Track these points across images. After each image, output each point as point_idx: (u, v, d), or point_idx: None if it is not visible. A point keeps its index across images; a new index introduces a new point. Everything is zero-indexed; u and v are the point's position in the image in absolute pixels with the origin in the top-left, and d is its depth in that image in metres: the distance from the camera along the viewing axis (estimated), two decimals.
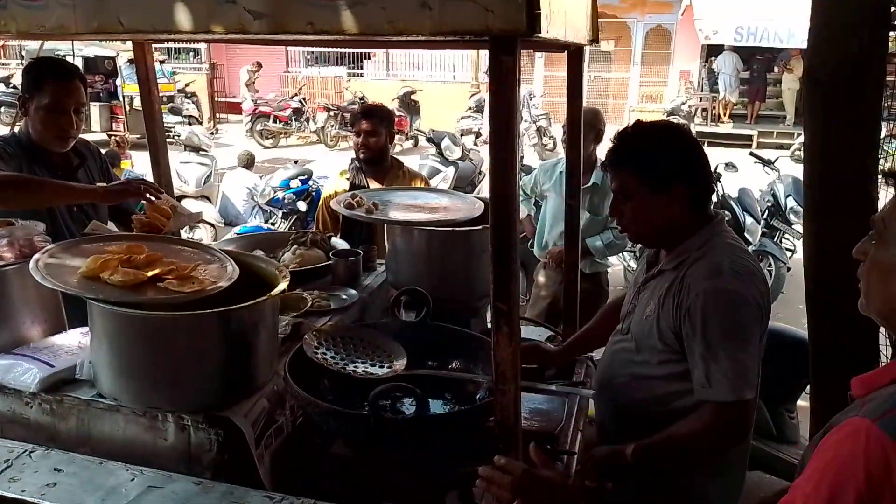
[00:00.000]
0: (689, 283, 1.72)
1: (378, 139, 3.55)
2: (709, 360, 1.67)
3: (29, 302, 2.03)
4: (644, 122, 1.90)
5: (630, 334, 1.92)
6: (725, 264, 1.71)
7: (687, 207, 1.78)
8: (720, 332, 1.66)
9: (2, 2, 1.51)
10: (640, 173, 1.77)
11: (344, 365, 1.83)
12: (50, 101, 2.45)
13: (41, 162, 2.53)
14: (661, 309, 1.79)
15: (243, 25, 1.36)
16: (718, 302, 1.67)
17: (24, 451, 1.76)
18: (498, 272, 1.40)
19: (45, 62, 2.62)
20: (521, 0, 1.22)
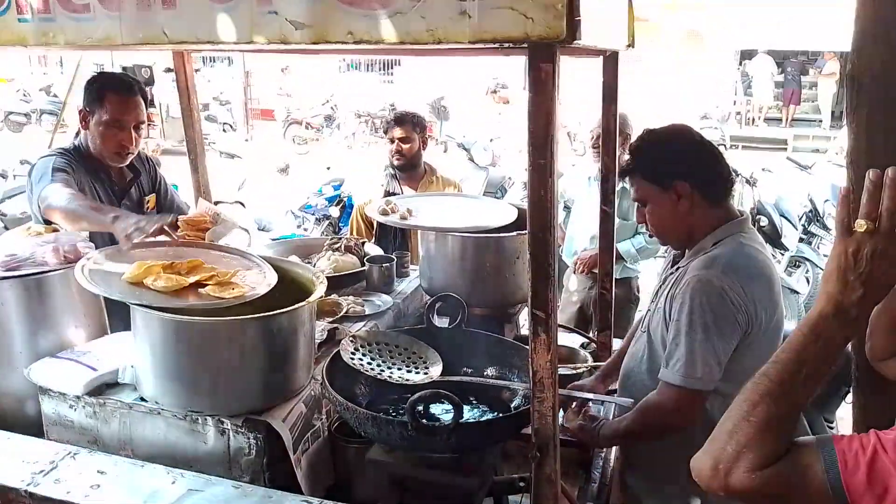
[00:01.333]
0: (685, 273, 1.78)
1: (411, 146, 3.57)
2: (673, 342, 1.73)
3: (73, 306, 2.08)
4: (649, 130, 1.95)
5: (647, 330, 1.95)
6: (721, 258, 1.75)
7: (697, 204, 1.82)
8: (689, 320, 1.71)
9: (51, 14, 1.56)
10: (646, 177, 1.85)
11: (380, 371, 1.84)
12: (110, 116, 2.45)
13: (98, 175, 2.54)
14: (666, 302, 1.83)
15: (285, 36, 1.38)
16: (697, 291, 1.71)
17: (69, 453, 1.80)
18: (536, 279, 1.40)
19: (108, 77, 2.65)
20: (560, 7, 1.22)
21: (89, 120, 2.50)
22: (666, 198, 1.82)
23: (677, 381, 1.70)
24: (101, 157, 2.54)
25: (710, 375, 1.70)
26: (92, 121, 2.49)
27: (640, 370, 1.93)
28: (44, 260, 2.03)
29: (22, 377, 1.95)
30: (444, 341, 2.01)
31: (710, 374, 1.70)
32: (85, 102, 2.52)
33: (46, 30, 1.57)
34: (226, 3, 1.40)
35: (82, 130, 2.57)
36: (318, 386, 1.90)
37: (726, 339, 1.71)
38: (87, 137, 2.54)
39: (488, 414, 1.84)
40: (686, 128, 1.93)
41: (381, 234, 3.46)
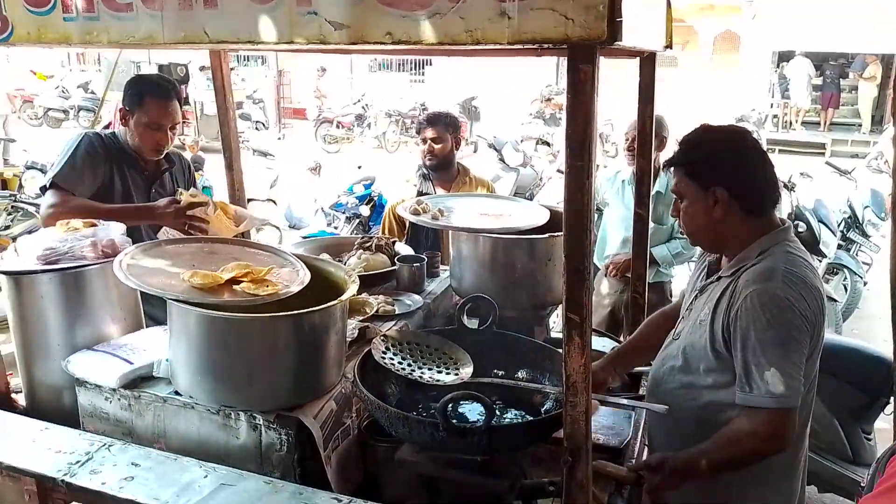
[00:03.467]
0: (741, 286, 1.70)
1: (443, 146, 3.56)
2: (751, 364, 1.64)
3: (110, 300, 2.12)
4: (708, 126, 1.90)
5: (680, 339, 1.90)
6: (779, 270, 1.69)
7: (735, 212, 1.77)
8: (765, 338, 1.63)
9: (95, 14, 1.59)
10: (688, 172, 1.80)
11: (411, 370, 1.84)
12: (149, 118, 2.63)
13: (133, 164, 2.72)
14: (714, 313, 1.77)
15: (324, 36, 1.39)
16: (766, 306, 1.64)
17: (104, 445, 1.83)
18: (571, 282, 1.38)
19: (147, 80, 2.81)
20: (602, 8, 1.21)
21: (129, 119, 2.67)
22: (703, 199, 1.78)
23: (767, 403, 1.62)
24: (137, 150, 2.71)
25: (797, 390, 1.64)
26: (131, 120, 2.66)
27: (674, 381, 1.88)
28: (82, 254, 2.06)
29: (59, 369, 2.00)
30: (475, 343, 2.01)
31: (797, 389, 1.64)
32: (125, 103, 2.68)
33: (90, 28, 1.60)
34: (266, 3, 1.41)
35: (122, 128, 2.73)
36: (349, 384, 1.91)
37: (802, 350, 1.66)
38: (125, 132, 2.71)
39: (519, 417, 1.83)
40: (743, 133, 1.86)
41: (413, 234, 3.46)
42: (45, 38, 1.68)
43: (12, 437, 1.92)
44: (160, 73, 3.06)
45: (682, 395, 1.85)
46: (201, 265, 1.86)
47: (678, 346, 1.89)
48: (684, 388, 1.85)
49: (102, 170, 2.62)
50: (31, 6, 1.65)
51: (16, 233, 5.47)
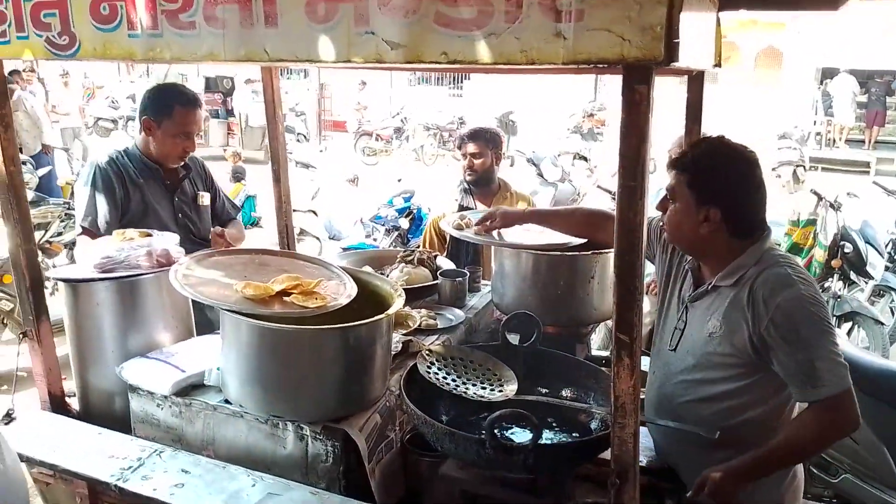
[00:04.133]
0: (764, 297, 1.73)
1: (483, 161, 3.58)
2: (809, 362, 1.68)
3: (163, 309, 2.17)
4: (723, 141, 1.90)
5: (686, 353, 1.88)
6: (791, 274, 1.75)
7: (721, 230, 1.79)
8: (812, 334, 1.70)
9: (158, 31, 1.64)
10: (689, 181, 1.81)
11: (456, 386, 1.85)
12: (178, 127, 2.67)
13: (153, 176, 2.74)
14: (728, 325, 1.78)
15: (380, 55, 1.41)
16: (801, 308, 1.71)
17: (155, 451, 1.88)
18: (621, 303, 1.38)
19: (172, 89, 2.83)
20: (659, 29, 1.21)
21: (154, 128, 2.68)
22: (695, 211, 1.80)
23: (839, 389, 1.68)
24: (162, 158, 2.74)
25: (847, 366, 1.71)
26: (158, 130, 2.68)
27: (690, 394, 1.86)
28: (137, 263, 2.13)
29: (112, 375, 2.06)
30: (519, 359, 2.01)
31: (847, 366, 1.71)
32: (150, 113, 2.69)
33: (154, 45, 1.65)
34: (325, 23, 1.44)
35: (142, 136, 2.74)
36: (393, 397, 1.92)
37: (836, 333, 1.75)
38: (146, 141, 2.72)
39: (563, 436, 1.82)
40: (752, 159, 1.86)
41: (454, 248, 3.47)
42: (110, 53, 1.74)
43: (66, 440, 1.98)
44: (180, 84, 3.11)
45: (700, 406, 1.84)
46: (253, 276, 1.90)
47: (684, 360, 1.87)
48: (702, 401, 1.84)
49: (119, 194, 2.63)
50: (97, 23, 1.71)
51: (67, 239, 5.62)
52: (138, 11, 1.63)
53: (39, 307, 2.18)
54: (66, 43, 1.75)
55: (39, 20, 1.76)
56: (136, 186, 2.67)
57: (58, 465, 1.88)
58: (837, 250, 5.20)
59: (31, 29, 1.78)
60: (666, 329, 1.99)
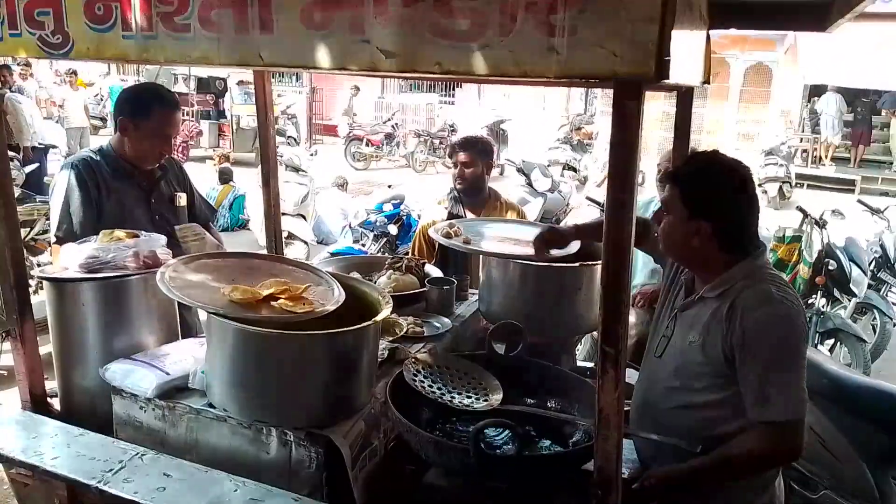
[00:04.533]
0: (741, 310, 1.75)
1: (474, 170, 3.59)
2: (764, 381, 1.70)
3: (148, 311, 2.17)
4: (714, 154, 1.93)
5: (668, 359, 1.91)
6: (774, 292, 1.76)
7: (712, 243, 1.81)
8: (776, 355, 1.71)
9: (153, 33, 1.64)
10: (682, 194, 1.83)
11: (441, 394, 1.85)
12: (157, 127, 2.59)
13: (126, 176, 2.66)
14: (707, 336, 1.80)
15: (375, 64, 1.42)
16: (772, 327, 1.72)
17: (137, 454, 1.86)
18: (608, 316, 1.39)
19: (150, 90, 2.76)
20: (651, 46, 1.22)
21: (130, 129, 2.61)
22: (686, 224, 1.82)
23: (788, 416, 1.69)
24: (138, 160, 2.66)
25: (806, 401, 1.73)
26: (136, 131, 2.60)
27: (671, 401, 1.88)
28: (124, 264, 2.12)
29: (95, 375, 2.04)
30: (505, 369, 2.01)
31: (806, 400, 1.73)
32: (128, 113, 2.62)
33: (148, 46, 1.65)
34: (321, 30, 1.44)
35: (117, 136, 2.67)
36: (378, 404, 1.92)
37: (804, 363, 1.75)
38: (122, 142, 2.65)
39: (548, 447, 1.83)
40: (745, 174, 1.88)
41: (441, 256, 3.48)
42: (104, 53, 1.73)
43: (47, 440, 1.96)
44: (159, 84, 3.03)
45: (678, 415, 1.86)
46: (241, 280, 1.90)
47: (667, 367, 1.90)
48: (683, 408, 1.86)
49: (94, 195, 2.55)
50: (91, 23, 1.71)
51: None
52: (133, 12, 1.63)
53: (24, 306, 2.16)
54: (60, 42, 1.75)
55: (33, 18, 1.75)
56: (111, 188, 2.59)
57: (37, 466, 1.86)
58: (822, 267, 5.26)
59: (25, 27, 1.77)
60: (656, 336, 2.01)
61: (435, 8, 1.35)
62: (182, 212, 2.84)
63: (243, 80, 14.95)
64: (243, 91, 15.15)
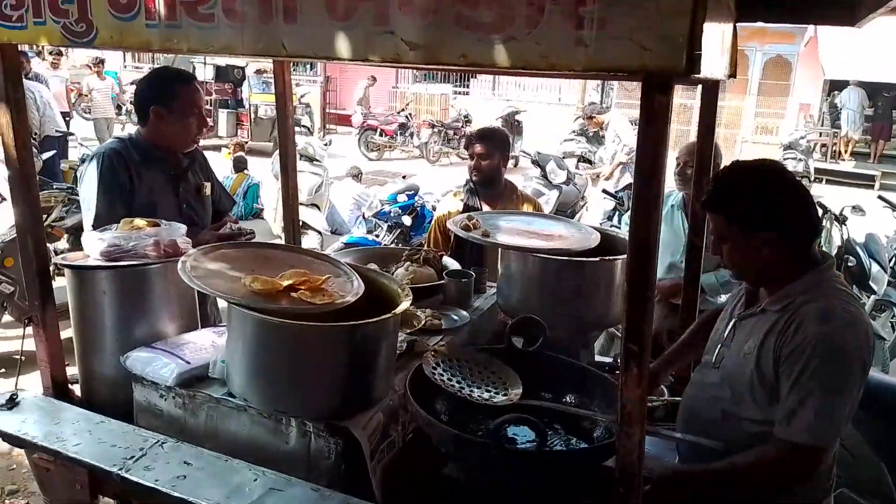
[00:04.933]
0: (798, 325, 1.70)
1: (490, 162, 3.57)
2: (798, 400, 1.66)
3: (168, 299, 2.17)
4: (739, 164, 1.88)
5: (721, 368, 1.88)
6: (836, 311, 1.69)
7: (781, 251, 1.76)
8: (818, 378, 1.65)
9: (177, 22, 1.63)
10: (729, 217, 1.78)
11: (461, 388, 1.85)
12: (188, 104, 2.63)
13: (155, 164, 2.67)
14: (761, 348, 1.76)
15: (399, 55, 1.41)
16: (824, 348, 1.65)
17: (157, 442, 1.87)
18: (632, 312, 1.38)
19: (168, 73, 2.78)
20: (681, 40, 1.20)
21: (164, 114, 2.62)
22: (748, 241, 1.76)
23: (805, 440, 1.64)
24: (176, 143, 2.70)
25: (839, 433, 1.67)
26: (169, 114, 2.62)
27: (715, 411, 1.86)
28: (144, 252, 2.12)
29: (116, 363, 2.05)
30: (524, 363, 2.01)
31: (835, 433, 1.67)
32: (156, 100, 2.62)
33: (171, 35, 1.64)
34: (344, 21, 1.43)
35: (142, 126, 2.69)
36: (396, 397, 1.92)
37: (852, 397, 1.67)
38: (154, 130, 2.66)
39: (567, 442, 1.82)
40: (778, 168, 1.83)
41: (457, 248, 3.47)
42: (127, 42, 1.73)
43: (69, 427, 1.98)
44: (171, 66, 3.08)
45: (724, 425, 1.83)
46: (260, 270, 1.90)
47: (720, 375, 1.87)
48: (726, 419, 1.83)
49: (125, 183, 2.57)
50: (115, 11, 1.71)
51: (69, 224, 5.62)
52: (157, 2, 1.63)
53: (45, 293, 2.18)
54: (83, 30, 1.75)
55: (58, 7, 1.75)
56: (141, 176, 2.61)
57: (59, 452, 1.88)
58: (841, 264, 5.20)
59: (49, 15, 1.78)
60: (713, 343, 1.98)
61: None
62: (207, 201, 2.86)
63: (261, 69, 14.87)
64: (261, 80, 15.06)
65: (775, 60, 17.19)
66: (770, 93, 17.24)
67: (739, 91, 17.47)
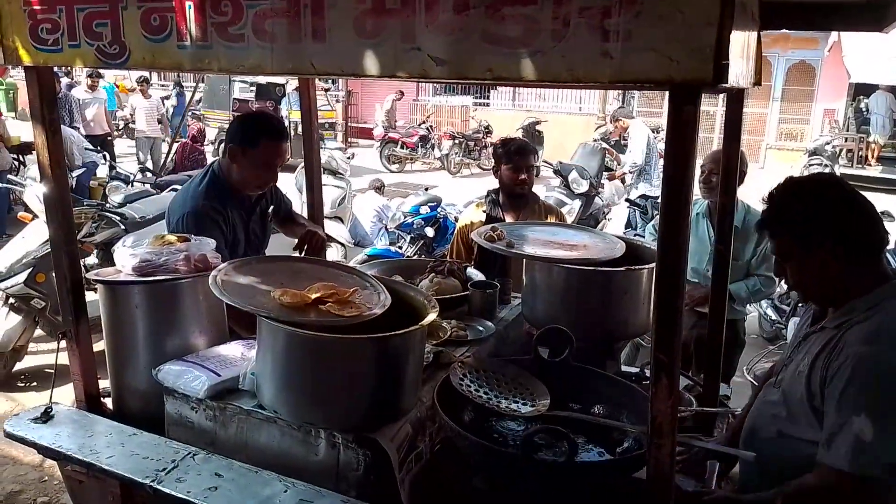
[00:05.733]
0: (845, 344, 1.65)
1: (531, 175, 3.61)
2: (838, 423, 1.60)
3: (198, 313, 2.20)
4: (793, 180, 1.84)
5: (780, 388, 1.85)
6: (886, 332, 1.62)
7: (843, 266, 1.70)
8: (860, 401, 1.58)
9: (208, 42, 1.67)
10: (788, 234, 1.74)
11: (488, 399, 1.85)
12: (263, 159, 2.63)
13: (231, 198, 2.71)
14: (812, 367, 1.72)
15: (426, 71, 1.43)
16: (868, 369, 1.59)
17: (189, 454, 1.90)
18: (661, 323, 1.37)
19: (263, 121, 2.78)
20: (708, 50, 1.20)
21: (239, 156, 2.64)
22: (812, 258, 1.71)
23: (845, 466, 1.57)
24: (241, 186, 2.71)
25: (880, 461, 1.57)
26: (243, 158, 2.64)
27: (772, 430, 1.83)
28: (175, 267, 2.16)
29: (147, 376, 2.08)
30: (551, 374, 2.00)
31: (879, 460, 1.57)
32: (237, 141, 2.65)
33: (203, 56, 1.68)
34: (372, 39, 1.46)
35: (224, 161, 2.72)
36: (424, 408, 1.93)
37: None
38: (230, 167, 2.69)
39: (596, 454, 1.81)
40: (836, 180, 1.79)
41: (483, 259, 3.47)
42: (159, 63, 1.78)
43: (102, 439, 2.02)
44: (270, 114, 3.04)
45: (780, 444, 1.79)
46: (289, 284, 1.92)
47: (779, 394, 1.83)
48: (782, 438, 1.79)
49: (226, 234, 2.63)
50: (147, 34, 1.75)
51: (99, 240, 5.72)
52: (188, 23, 1.67)
53: (79, 308, 2.23)
54: (117, 52, 1.80)
55: (92, 30, 1.81)
56: (228, 221, 2.65)
57: (93, 464, 1.91)
58: None
59: (83, 38, 1.83)
60: (780, 362, 1.95)
61: (487, 14, 1.36)
62: (269, 224, 2.90)
63: None
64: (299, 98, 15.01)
65: (798, 66, 17.04)
66: (794, 98, 17.08)
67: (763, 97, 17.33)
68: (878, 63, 13.77)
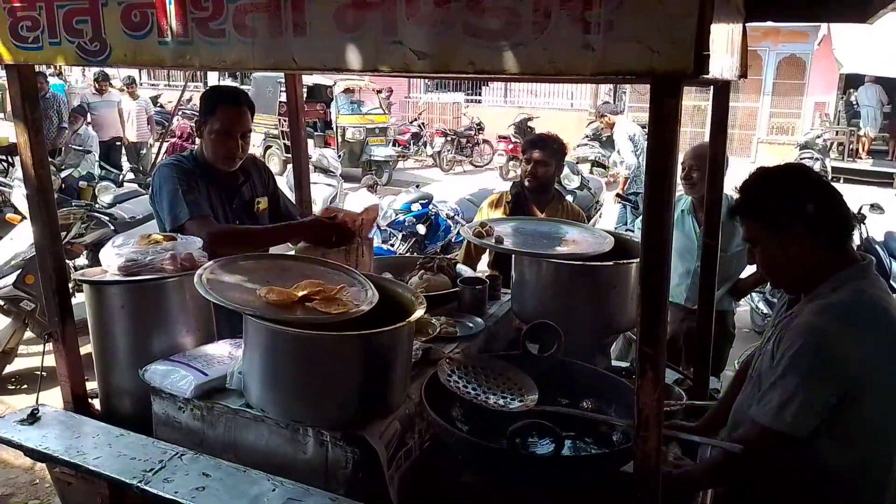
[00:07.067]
0: (799, 316, 1.71)
1: (547, 170, 3.59)
2: (770, 381, 1.68)
3: (185, 312, 2.19)
4: (763, 168, 1.88)
5: (755, 375, 1.87)
6: (837, 307, 1.67)
7: (811, 249, 1.74)
8: (791, 363, 1.65)
9: (188, 38, 1.66)
10: (758, 218, 1.78)
11: (476, 395, 1.84)
12: (220, 125, 2.62)
13: (211, 179, 2.68)
14: (775, 347, 1.76)
15: (407, 65, 1.42)
16: (805, 335, 1.66)
17: (176, 454, 1.89)
18: (646, 316, 1.37)
19: (219, 90, 2.82)
20: (689, 41, 1.20)
21: (203, 129, 2.67)
22: (779, 241, 1.75)
23: (766, 420, 1.66)
24: (213, 162, 2.69)
25: (803, 422, 1.64)
26: (205, 130, 2.66)
27: (745, 413, 1.84)
28: (162, 266, 2.14)
29: (134, 377, 2.07)
30: (539, 369, 2.00)
31: (802, 421, 1.64)
32: (200, 113, 2.71)
33: (184, 52, 1.67)
34: (353, 32, 1.45)
35: (198, 139, 2.75)
36: (413, 405, 1.92)
37: (827, 389, 1.64)
38: (201, 145, 2.72)
39: (584, 448, 1.81)
40: (802, 168, 1.86)
41: (496, 257, 3.45)
42: (140, 59, 1.76)
43: (89, 440, 2.00)
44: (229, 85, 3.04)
45: None
46: (275, 281, 1.91)
47: (755, 380, 1.86)
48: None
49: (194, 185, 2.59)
50: (128, 30, 1.74)
51: (88, 241, 5.69)
52: (169, 19, 1.65)
53: (65, 309, 2.21)
54: (97, 49, 1.78)
55: (72, 27, 1.79)
56: (199, 189, 2.61)
57: (80, 465, 1.90)
58: None
59: (64, 35, 1.81)
60: (758, 351, 1.99)
61: (468, 7, 1.35)
62: (262, 216, 2.85)
63: (349, 88, 13.92)
64: (349, 100, 14.10)
65: (789, 60, 17.07)
66: (785, 92, 17.10)
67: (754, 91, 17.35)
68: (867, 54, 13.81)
